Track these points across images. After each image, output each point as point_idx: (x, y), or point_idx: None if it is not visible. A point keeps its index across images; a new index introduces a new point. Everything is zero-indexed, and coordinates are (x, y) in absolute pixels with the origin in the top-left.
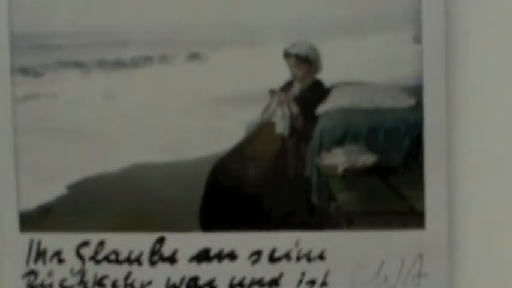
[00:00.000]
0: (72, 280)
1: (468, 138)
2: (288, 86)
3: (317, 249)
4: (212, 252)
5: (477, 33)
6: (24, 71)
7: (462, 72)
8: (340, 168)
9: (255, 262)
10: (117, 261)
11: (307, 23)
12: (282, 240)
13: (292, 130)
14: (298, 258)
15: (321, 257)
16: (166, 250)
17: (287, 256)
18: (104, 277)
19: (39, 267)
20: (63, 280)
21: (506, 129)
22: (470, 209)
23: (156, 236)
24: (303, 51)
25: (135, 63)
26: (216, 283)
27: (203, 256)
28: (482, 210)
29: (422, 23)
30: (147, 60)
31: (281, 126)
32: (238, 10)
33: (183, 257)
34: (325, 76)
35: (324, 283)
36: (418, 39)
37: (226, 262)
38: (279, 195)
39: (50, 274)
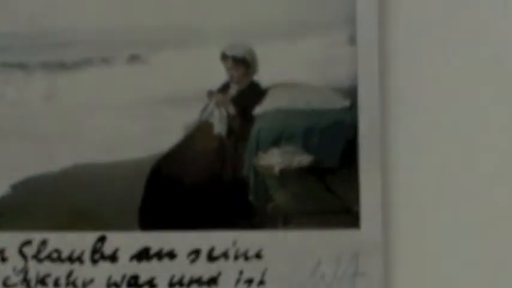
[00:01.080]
0: (15, 278)
1: (402, 138)
2: (225, 87)
3: (254, 248)
4: (152, 251)
5: (411, 34)
6: None
7: (396, 73)
8: (277, 169)
9: (193, 261)
10: (60, 260)
11: (244, 25)
12: (220, 239)
13: (230, 131)
14: (236, 257)
15: (258, 256)
16: (107, 249)
17: (225, 255)
18: (47, 275)
19: None
20: (7, 278)
21: (440, 130)
22: (405, 208)
23: (97, 235)
24: (239, 53)
25: (77, 65)
26: (156, 281)
27: (143, 255)
28: (416, 210)
29: (357, 25)
30: (89, 61)
31: (219, 127)
32: (177, 12)
33: (123, 255)
34: (262, 78)
35: (261, 282)
36: (352, 41)
37: (165, 261)
38: (217, 195)
39: None
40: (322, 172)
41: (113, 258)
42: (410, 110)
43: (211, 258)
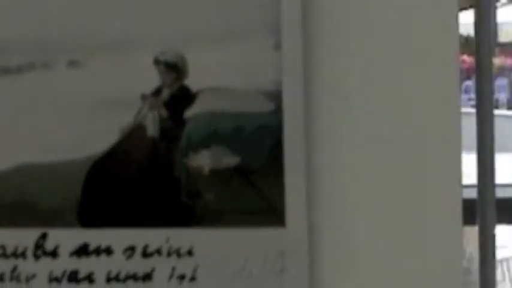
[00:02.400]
0: None
1: (326, 140)
2: (158, 91)
3: (186, 245)
4: (90, 248)
5: (334, 40)
6: None
7: (320, 78)
8: (206, 169)
9: (129, 257)
10: (5, 256)
11: (175, 32)
12: (153, 236)
13: (162, 133)
14: (169, 254)
15: (190, 253)
16: (49, 245)
17: (158, 252)
18: None
19: None
20: None
21: (361, 131)
22: (329, 207)
23: (39, 232)
24: (171, 59)
25: (19, 70)
26: (94, 276)
27: (82, 251)
28: (340, 209)
29: (281, 32)
30: (31, 66)
31: (152, 129)
32: (112, 20)
33: (64, 251)
34: (192, 82)
35: (192, 278)
36: (277, 46)
37: (103, 257)
38: (151, 194)
39: None
40: (249, 172)
41: (54, 254)
42: (333, 113)
43: (145, 254)
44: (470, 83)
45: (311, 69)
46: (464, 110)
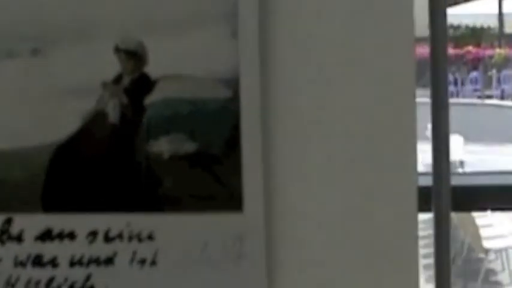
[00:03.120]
0: None
1: (283, 126)
2: (118, 78)
3: (147, 230)
4: (54, 232)
5: (290, 28)
6: None
7: (276, 64)
8: (166, 155)
9: (91, 242)
10: None
11: (135, 20)
12: (115, 221)
13: (123, 119)
14: (130, 239)
15: (150, 237)
16: (14, 230)
17: (120, 236)
18: None
19: None
20: None
21: (320, 118)
22: (285, 192)
23: (4, 217)
24: (131, 47)
25: None
26: (58, 261)
27: (46, 236)
28: (297, 194)
29: (238, 20)
30: None
31: (113, 116)
32: (74, 9)
33: (28, 236)
34: (152, 69)
35: (153, 262)
36: (235, 34)
37: (66, 241)
38: (112, 180)
39: None
40: (207, 158)
41: (19, 239)
42: (290, 100)
43: (107, 239)
44: (476, 74)
45: (268, 56)
46: (470, 100)
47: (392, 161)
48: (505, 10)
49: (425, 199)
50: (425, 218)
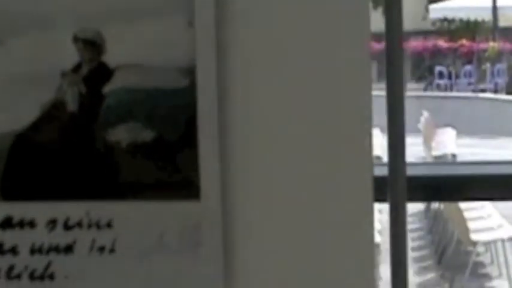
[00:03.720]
0: None
1: (239, 115)
2: (77, 67)
3: (105, 218)
4: (14, 220)
5: (246, 16)
6: None
7: (233, 54)
8: (124, 143)
9: (51, 230)
10: None
11: (93, 10)
12: (74, 209)
13: (82, 108)
14: (89, 226)
15: (109, 225)
16: None
17: (79, 224)
18: None
19: None
20: None
21: (276, 108)
22: (243, 181)
23: None
24: (89, 36)
25: None
26: (18, 249)
27: (6, 224)
28: (254, 184)
29: (195, 9)
30: None
31: (72, 105)
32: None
33: None
34: (110, 58)
35: (112, 250)
36: (191, 23)
37: (27, 229)
38: (71, 168)
39: None
40: (165, 147)
41: None
42: (247, 88)
43: (67, 227)
44: (469, 68)
45: (224, 46)
46: (464, 94)
47: (348, 152)
48: (499, 3)
49: (382, 189)
50: (415, 210)
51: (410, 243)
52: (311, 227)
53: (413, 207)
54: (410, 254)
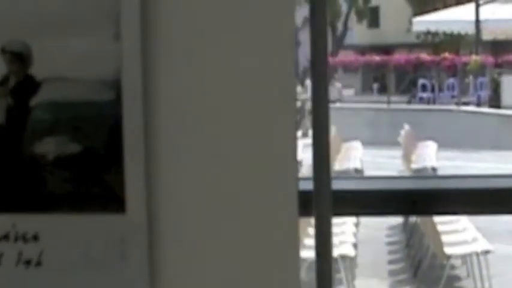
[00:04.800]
0: None
1: (165, 127)
2: (5, 80)
3: (32, 230)
4: None
5: (172, 29)
6: None
7: (158, 67)
8: (51, 156)
9: None
10: None
11: (21, 22)
12: (1, 222)
13: (9, 121)
14: (16, 239)
15: (36, 237)
16: None
17: (6, 237)
18: None
19: None
20: None
21: (201, 121)
22: (169, 194)
23: None
24: (17, 48)
25: None
26: None
27: None
28: (180, 197)
29: (121, 22)
30: None
31: None
32: None
33: None
34: (37, 71)
35: (38, 263)
36: (117, 36)
37: None
38: None
39: None
40: (91, 160)
41: None
42: (172, 101)
43: None
44: (453, 81)
45: (150, 59)
46: (446, 107)
47: (273, 166)
48: (482, 17)
49: (307, 203)
50: (393, 224)
51: (387, 257)
52: (236, 240)
53: (394, 220)
54: (387, 267)
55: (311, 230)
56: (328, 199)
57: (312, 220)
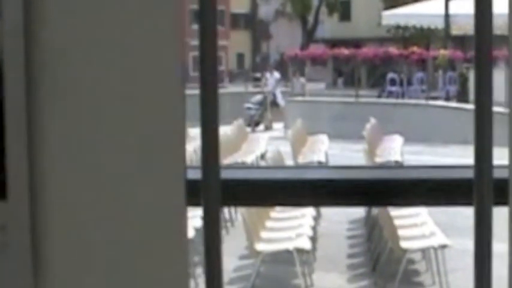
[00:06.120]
0: None
1: (48, 111)
2: None
3: None
4: None
5: (57, 9)
6: None
7: (42, 47)
8: None
9: None
10: None
11: None
12: None
13: None
14: None
15: None
16: None
17: None
18: None
19: None
20: None
21: (87, 108)
22: (52, 181)
23: None
24: None
25: None
26: None
27: None
28: (63, 183)
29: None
30: None
31: None
32: None
33: None
34: None
35: None
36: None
37: None
38: None
39: None
40: None
41: None
42: (55, 83)
43: None
44: (422, 75)
45: (33, 38)
46: (415, 101)
47: (160, 154)
48: (451, 11)
49: (195, 193)
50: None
51: (348, 251)
52: (121, 229)
53: (357, 214)
54: (347, 261)
55: (269, 223)
56: (216, 189)
57: (272, 213)
